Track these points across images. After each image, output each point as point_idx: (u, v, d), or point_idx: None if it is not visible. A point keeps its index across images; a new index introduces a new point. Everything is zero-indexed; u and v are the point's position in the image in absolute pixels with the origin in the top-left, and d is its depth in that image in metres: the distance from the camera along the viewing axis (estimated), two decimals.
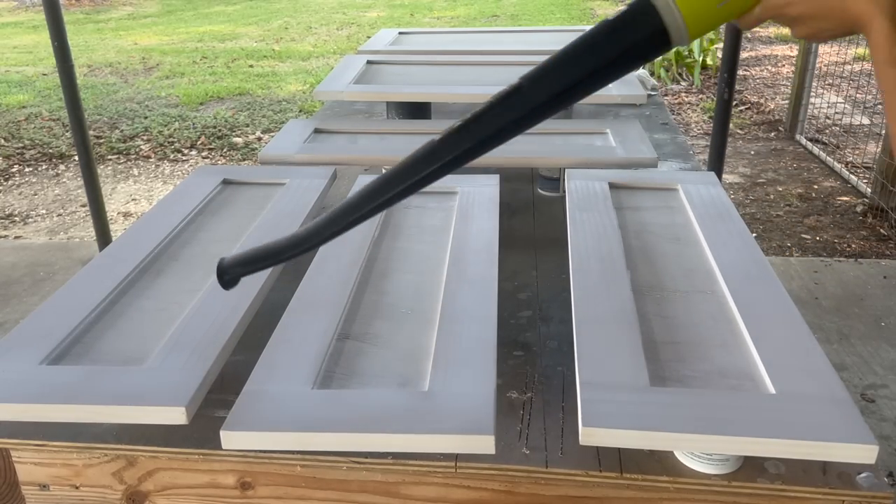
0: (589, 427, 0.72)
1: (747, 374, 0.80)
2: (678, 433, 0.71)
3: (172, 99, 5.64)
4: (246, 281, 0.99)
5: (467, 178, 1.34)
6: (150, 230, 1.16)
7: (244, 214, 1.24)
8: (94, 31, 8.75)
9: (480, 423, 0.73)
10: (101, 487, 0.86)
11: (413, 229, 1.17)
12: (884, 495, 0.74)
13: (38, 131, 4.95)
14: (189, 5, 10.57)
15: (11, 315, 2.73)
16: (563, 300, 1.09)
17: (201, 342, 0.86)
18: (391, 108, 1.82)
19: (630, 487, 0.78)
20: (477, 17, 8.95)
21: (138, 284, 1.02)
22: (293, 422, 0.74)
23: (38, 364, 0.83)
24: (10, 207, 3.83)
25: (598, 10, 9.08)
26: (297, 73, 6.43)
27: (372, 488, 0.82)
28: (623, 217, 1.18)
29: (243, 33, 8.43)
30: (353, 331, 0.91)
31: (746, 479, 0.76)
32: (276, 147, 1.49)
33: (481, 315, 0.91)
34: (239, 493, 0.84)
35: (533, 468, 0.78)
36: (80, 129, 2.77)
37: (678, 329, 0.89)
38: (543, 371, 0.93)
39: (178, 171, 4.28)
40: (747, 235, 1.09)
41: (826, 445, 0.70)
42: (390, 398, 0.78)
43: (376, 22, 8.93)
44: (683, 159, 1.70)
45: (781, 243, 3.18)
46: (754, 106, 5.08)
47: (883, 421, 2.05)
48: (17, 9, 10.48)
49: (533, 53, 2.06)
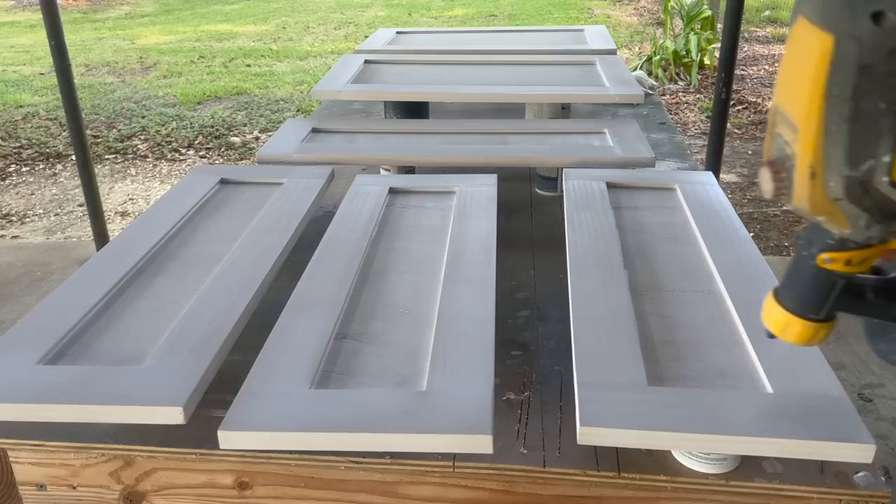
0: (587, 426, 0.72)
1: (745, 373, 0.81)
2: (676, 432, 0.71)
3: (170, 98, 5.63)
4: (244, 281, 0.99)
5: (465, 177, 1.34)
6: (147, 230, 1.16)
7: (242, 214, 1.23)
8: (92, 31, 8.74)
9: (478, 423, 0.73)
10: (99, 487, 0.86)
11: (411, 229, 1.17)
12: (881, 494, 0.74)
13: (35, 131, 4.94)
14: (186, 5, 10.55)
15: (8, 315, 2.72)
16: (560, 300, 1.09)
17: (199, 342, 0.86)
18: (389, 108, 1.82)
19: (628, 487, 0.78)
20: (475, 17, 8.95)
21: (136, 284, 1.02)
22: (291, 421, 0.74)
23: (35, 364, 0.83)
24: (7, 207, 3.82)
25: (596, 9, 9.08)
26: (294, 72, 6.43)
27: (370, 488, 0.82)
28: (621, 216, 1.18)
29: (241, 33, 8.42)
30: (351, 330, 0.91)
31: (744, 479, 0.76)
32: (274, 147, 1.49)
33: (479, 314, 0.91)
34: (237, 493, 0.84)
35: (531, 468, 0.78)
36: (78, 128, 2.77)
37: (676, 328, 0.89)
38: (541, 371, 0.93)
39: (176, 170, 4.27)
40: (745, 235, 1.09)
41: (823, 445, 0.70)
42: (388, 398, 0.78)
43: (374, 21, 8.93)
44: (681, 159, 1.70)
45: (779, 242, 3.19)
46: (752, 105, 5.08)
47: (880, 420, 2.05)
48: (14, 8, 10.46)
49: (531, 53, 2.06)
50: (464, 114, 2.01)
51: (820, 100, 0.47)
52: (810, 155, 0.50)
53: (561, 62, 1.96)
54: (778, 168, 0.53)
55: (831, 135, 0.48)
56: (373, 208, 1.22)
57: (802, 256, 0.60)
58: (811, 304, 0.61)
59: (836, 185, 0.50)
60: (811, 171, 0.50)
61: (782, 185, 0.53)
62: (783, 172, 0.53)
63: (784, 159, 0.53)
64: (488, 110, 2.00)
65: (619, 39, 6.94)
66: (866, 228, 0.53)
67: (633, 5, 9.27)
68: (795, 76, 0.49)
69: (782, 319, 0.63)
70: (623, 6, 9.29)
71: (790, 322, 0.63)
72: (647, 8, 8.96)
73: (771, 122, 0.54)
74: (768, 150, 0.55)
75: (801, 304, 0.62)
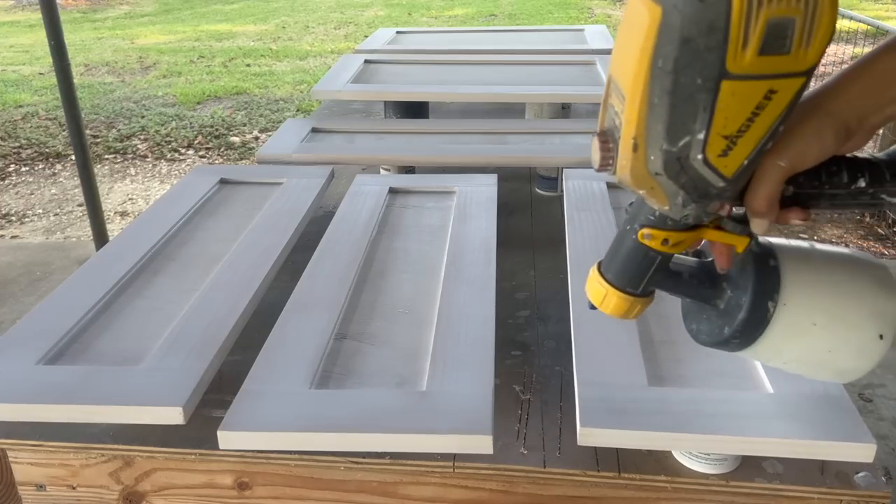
0: (587, 427, 0.72)
1: (745, 373, 0.80)
2: (676, 433, 0.71)
3: (169, 98, 5.63)
4: (244, 281, 0.99)
5: (465, 177, 1.34)
6: (147, 230, 1.15)
7: (241, 214, 1.23)
8: (91, 30, 8.74)
9: (478, 423, 0.73)
10: (98, 488, 0.86)
11: (411, 229, 1.17)
12: (881, 494, 0.74)
13: (34, 130, 4.94)
14: (186, 4, 10.55)
15: (8, 315, 2.72)
16: (561, 300, 1.09)
17: (198, 342, 0.86)
18: (389, 108, 1.82)
19: (628, 487, 0.78)
20: (475, 17, 8.95)
21: (135, 284, 1.02)
22: (291, 422, 0.74)
23: (34, 364, 0.83)
24: (6, 207, 3.82)
25: (596, 9, 9.08)
26: (294, 72, 6.43)
27: (369, 488, 0.82)
28: (621, 217, 1.18)
29: (241, 32, 8.42)
30: (351, 330, 0.91)
31: (744, 479, 0.76)
32: (274, 146, 1.49)
33: (479, 315, 0.91)
34: (236, 494, 0.84)
35: (531, 468, 0.78)
36: (77, 128, 2.77)
37: (676, 328, 0.88)
38: (541, 371, 0.93)
39: (176, 170, 4.27)
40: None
41: (824, 445, 0.70)
42: (388, 398, 0.78)
43: (374, 21, 8.93)
44: None
45: None
46: None
47: (881, 420, 2.05)
48: (14, 7, 10.46)
49: (531, 53, 2.06)
50: (464, 114, 2.00)
51: (646, 71, 0.47)
52: (634, 127, 0.50)
53: (561, 62, 1.96)
54: (607, 139, 0.54)
55: (654, 107, 0.48)
56: (373, 208, 1.22)
57: (626, 230, 0.61)
58: (630, 278, 0.62)
59: (656, 159, 0.50)
60: (634, 143, 0.50)
61: (609, 156, 0.53)
62: (611, 143, 0.53)
63: (613, 130, 0.53)
64: (488, 110, 2.00)
65: None
66: (683, 206, 0.54)
67: None
68: (627, 46, 0.49)
69: (602, 290, 0.64)
70: (623, 6, 9.27)
71: (609, 294, 0.63)
72: None
73: (605, 93, 0.54)
74: (602, 120, 0.55)
75: (621, 277, 0.62)
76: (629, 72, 0.48)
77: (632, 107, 0.49)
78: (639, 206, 0.59)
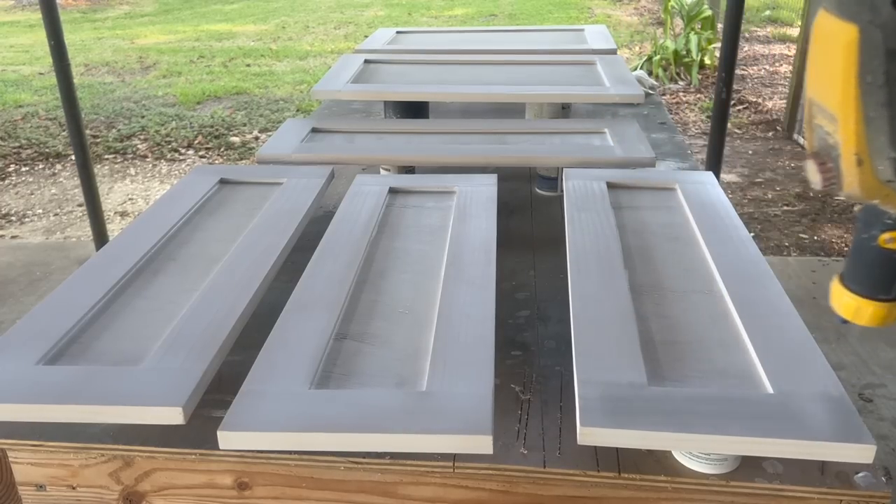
0: (587, 427, 0.72)
1: (745, 373, 0.80)
2: (676, 433, 0.71)
3: (169, 98, 5.63)
4: (244, 281, 0.99)
5: (465, 177, 1.34)
6: (147, 230, 1.15)
7: (241, 214, 1.23)
8: (91, 30, 8.74)
9: (478, 423, 0.73)
10: (98, 488, 0.86)
11: (411, 229, 1.17)
12: (881, 494, 0.74)
13: (34, 130, 4.94)
14: (186, 4, 10.55)
15: (8, 315, 2.72)
16: (561, 300, 1.09)
17: (198, 342, 0.86)
18: (389, 108, 1.82)
19: (628, 487, 0.78)
20: (475, 17, 8.95)
21: (135, 284, 1.02)
22: (291, 422, 0.74)
23: (34, 364, 0.83)
24: (6, 207, 3.82)
25: (596, 9, 9.08)
26: (294, 72, 6.42)
27: (369, 488, 0.82)
28: (621, 217, 1.18)
29: (240, 32, 8.42)
30: (351, 330, 0.91)
31: (744, 479, 0.76)
32: (274, 146, 1.49)
33: (479, 315, 0.91)
34: (236, 494, 0.84)
35: (531, 468, 0.78)
36: (77, 128, 2.77)
37: (676, 329, 0.89)
38: (541, 371, 0.93)
39: (176, 170, 4.27)
40: (745, 235, 1.09)
41: (824, 445, 0.70)
42: (388, 398, 0.77)
43: (374, 21, 8.93)
44: (681, 159, 1.70)
45: (779, 243, 3.18)
46: (752, 105, 5.08)
47: (881, 420, 2.05)
48: (14, 7, 10.46)
49: (531, 53, 2.06)
50: (464, 114, 2.00)
51: (854, 88, 0.49)
52: (854, 143, 0.51)
53: (561, 62, 1.96)
54: (823, 159, 0.55)
55: (871, 121, 0.50)
56: (373, 208, 1.22)
57: (863, 239, 0.61)
58: (880, 285, 0.62)
59: (885, 167, 0.51)
60: (857, 158, 0.52)
61: (830, 175, 0.55)
62: (829, 163, 0.55)
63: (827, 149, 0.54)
64: (488, 110, 2.00)
65: (619, 39, 6.94)
66: None
67: (634, 5, 9.27)
68: (826, 68, 0.50)
69: (852, 303, 0.64)
70: (623, 6, 9.29)
71: (861, 305, 0.64)
72: (648, 7, 8.96)
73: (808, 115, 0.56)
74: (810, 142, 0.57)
75: (870, 285, 0.63)
76: (836, 92, 0.50)
77: (847, 125, 0.51)
78: (871, 213, 0.59)
